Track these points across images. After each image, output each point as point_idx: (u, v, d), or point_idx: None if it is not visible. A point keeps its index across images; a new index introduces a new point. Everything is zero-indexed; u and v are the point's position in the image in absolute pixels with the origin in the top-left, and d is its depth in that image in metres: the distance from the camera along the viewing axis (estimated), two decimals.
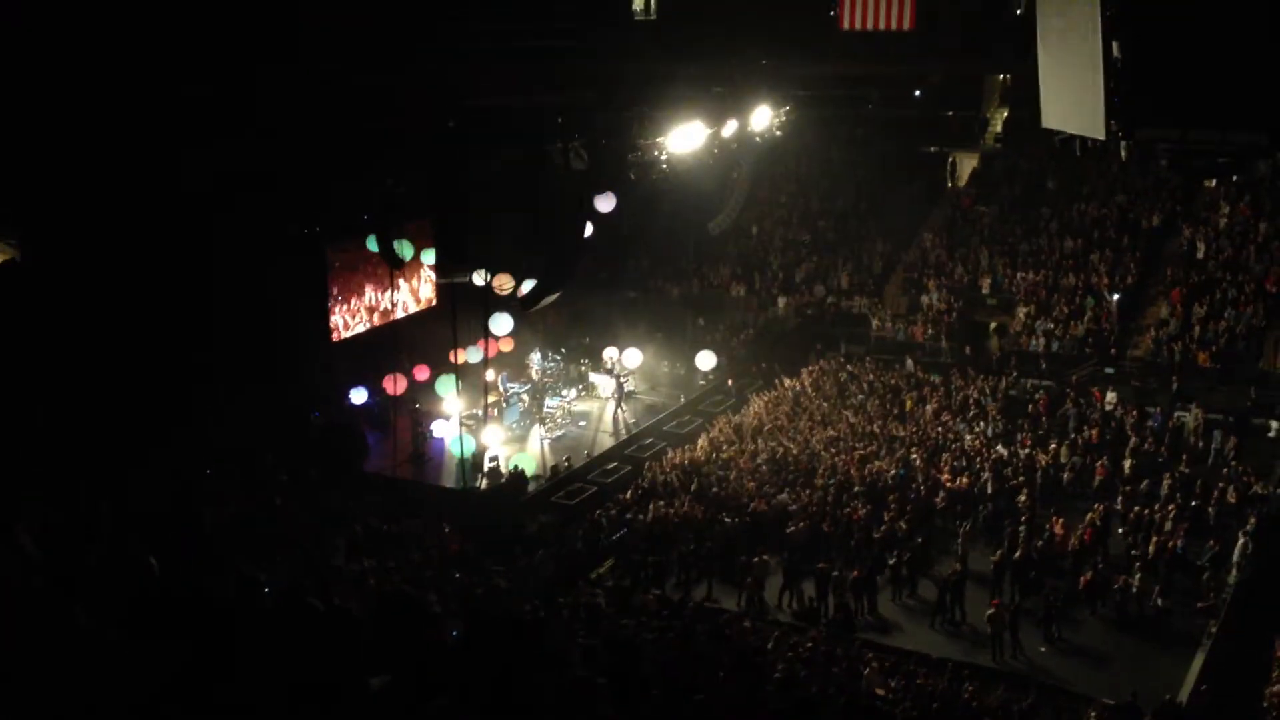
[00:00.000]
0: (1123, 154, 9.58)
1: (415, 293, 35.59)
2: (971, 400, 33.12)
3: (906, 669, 20.00)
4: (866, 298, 40.73)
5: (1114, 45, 8.35)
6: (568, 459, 30.80)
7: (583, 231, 28.43)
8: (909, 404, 33.12)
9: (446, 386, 31.17)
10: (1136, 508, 26.14)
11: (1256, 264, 36.50)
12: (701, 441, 31.25)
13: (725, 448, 30.60)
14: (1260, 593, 23.29)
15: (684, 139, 30.13)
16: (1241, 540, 24.33)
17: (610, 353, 35.94)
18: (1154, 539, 24.82)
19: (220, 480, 25.14)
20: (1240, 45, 8.03)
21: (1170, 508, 26.08)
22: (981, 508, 27.34)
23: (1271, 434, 30.55)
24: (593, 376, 36.15)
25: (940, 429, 31.31)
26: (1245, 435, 30.34)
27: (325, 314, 32.32)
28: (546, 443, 32.38)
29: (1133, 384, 33.91)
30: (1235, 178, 37.37)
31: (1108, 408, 32.22)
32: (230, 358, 26.71)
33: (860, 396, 33.92)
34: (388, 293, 33.95)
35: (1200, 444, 30.38)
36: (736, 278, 42.86)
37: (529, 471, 29.65)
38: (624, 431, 33.50)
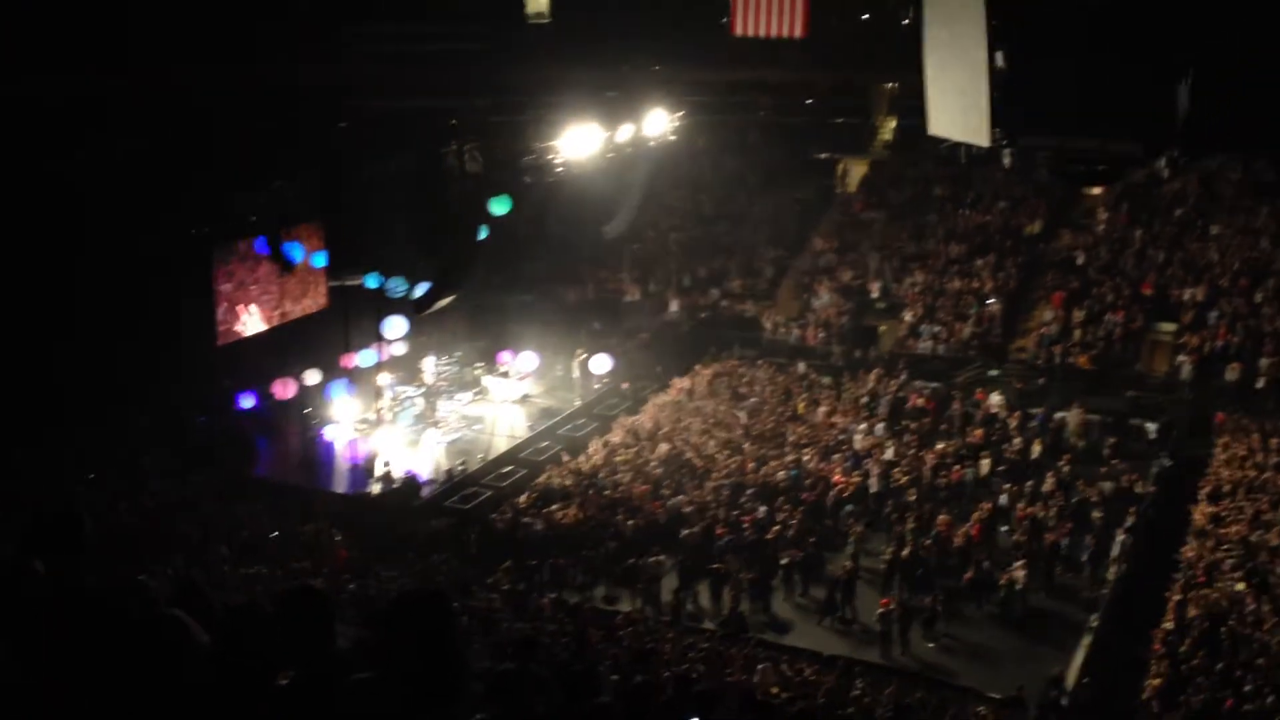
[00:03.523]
0: (1006, 162, 9.88)
1: (306, 296, 35.05)
2: (862, 402, 33.70)
3: (799, 667, 20.30)
4: (759, 301, 41.16)
5: (997, 56, 8.61)
6: (462, 463, 30.61)
7: (478, 235, 28.35)
8: (801, 406, 33.58)
9: (338, 391, 30.79)
10: (1021, 506, 26.85)
11: (1133, 269, 37.74)
12: (597, 444, 31.31)
13: (621, 450, 30.70)
14: (1139, 588, 24.09)
15: (579, 143, 30.19)
16: (1121, 537, 25.15)
17: (504, 356, 35.83)
18: (1038, 536, 25.56)
19: (103, 484, 24.49)
20: (1117, 59, 8.34)
21: (1052, 506, 26.87)
22: (871, 507, 27.88)
23: (1150, 434, 31.59)
24: (487, 380, 35.95)
25: (832, 430, 31.81)
26: (1123, 435, 31.37)
27: (212, 317, 31.65)
28: (441, 446, 32.12)
29: (1016, 386, 34.79)
30: (1113, 185, 38.70)
31: (992, 409, 33.05)
32: (109, 360, 25.98)
33: (753, 399, 34.30)
34: (277, 296, 33.36)
35: (1081, 444, 31.32)
36: (632, 281, 43.01)
37: (423, 475, 29.43)
38: (519, 435, 33.40)
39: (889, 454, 30.03)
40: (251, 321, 32.98)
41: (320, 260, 34.25)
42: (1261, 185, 39.10)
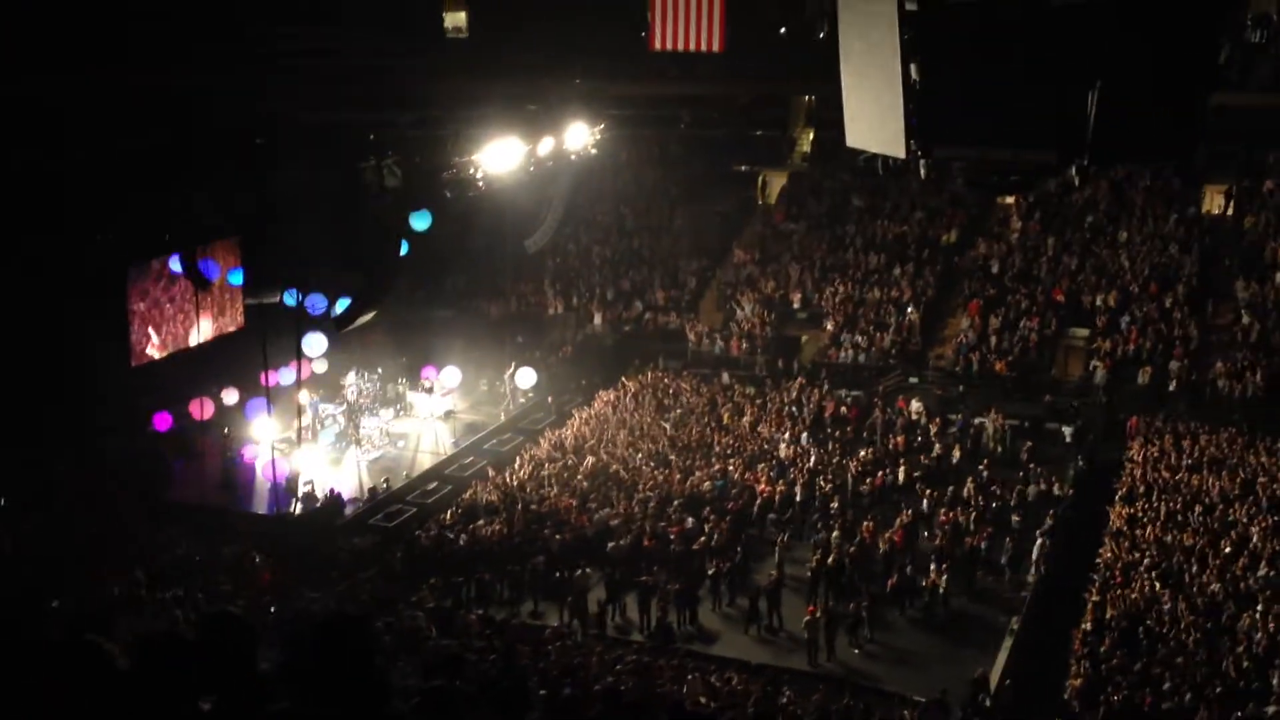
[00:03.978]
0: (922, 173, 10.01)
1: (223, 314, 34.47)
2: (785, 411, 33.95)
3: (727, 677, 20.34)
4: (682, 313, 41.32)
5: (912, 68, 8.72)
6: (386, 480, 30.31)
7: (398, 250, 28.10)
8: (726, 416, 33.74)
9: (257, 410, 30.30)
10: (942, 511, 27.21)
11: (1047, 276, 38.52)
12: (523, 459, 31.17)
13: (547, 465, 30.60)
14: (1058, 590, 24.52)
15: (499, 157, 30.08)
16: (1040, 540, 25.59)
17: (427, 372, 35.55)
18: (958, 540, 25.92)
19: (15, 508, 23.88)
20: (1028, 69, 8.49)
21: (972, 510, 27.27)
22: (796, 515, 28.08)
23: (1066, 438, 32.19)
24: (410, 396, 35.64)
25: (756, 440, 32.00)
26: (1040, 439, 31.95)
27: (125, 336, 30.99)
28: (364, 464, 31.76)
29: (936, 393, 35.33)
30: (1026, 195, 39.47)
31: (913, 416, 33.50)
32: (20, 382, 25.33)
33: (679, 410, 34.39)
34: (193, 314, 32.76)
35: (999, 448, 31.83)
36: (555, 295, 42.95)
37: (345, 494, 29.07)
38: (443, 451, 33.15)
39: (813, 462, 30.28)
40: (166, 341, 32.37)
41: (237, 278, 33.71)
42: (1170, 192, 40.15)
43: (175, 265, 29.58)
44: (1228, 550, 24.07)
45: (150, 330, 31.76)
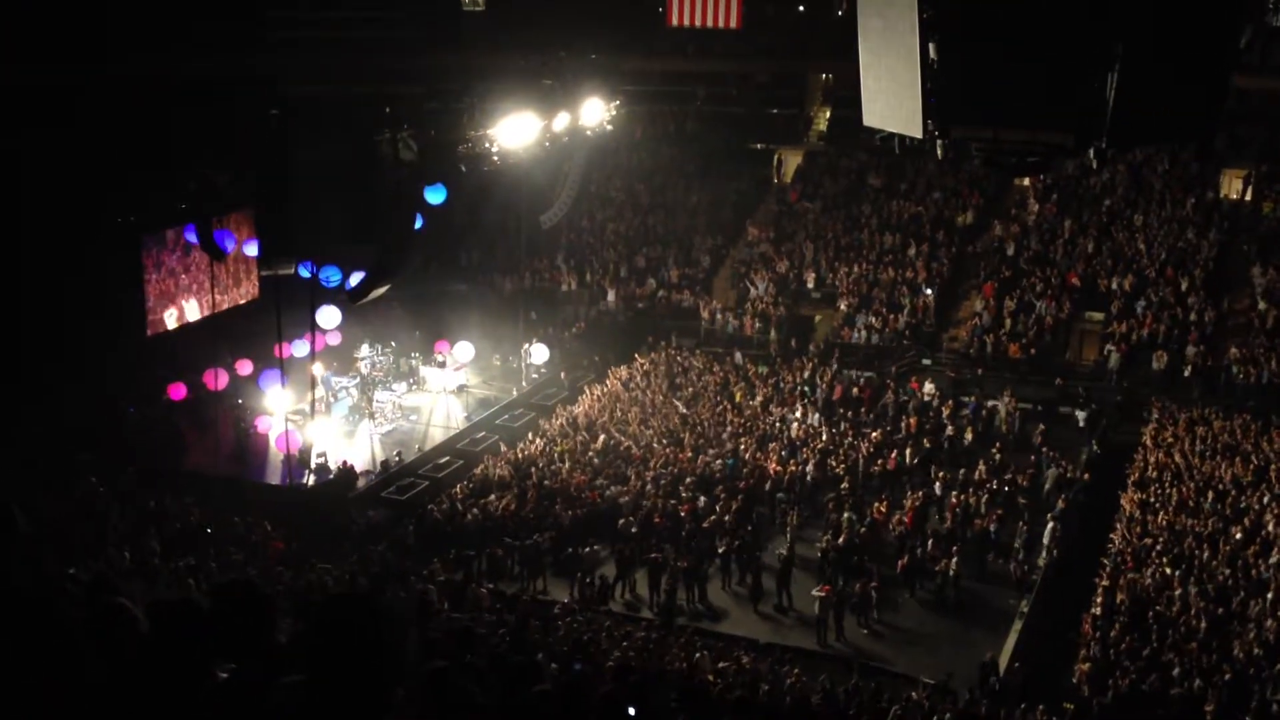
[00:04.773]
0: (939, 153, 9.96)
1: (238, 285, 34.58)
2: (797, 391, 33.92)
3: (736, 655, 20.41)
4: (696, 291, 41.26)
5: (930, 47, 8.68)
6: (398, 453, 30.41)
7: (413, 223, 28.11)
8: (738, 395, 33.73)
9: (271, 381, 30.41)
10: (953, 493, 27.19)
11: (1062, 259, 38.34)
12: (534, 435, 31.23)
13: (558, 441, 30.66)
14: (1069, 573, 24.51)
15: (515, 131, 30.02)
16: (1051, 523, 25.55)
17: (440, 346, 35.60)
18: (969, 523, 25.91)
19: (33, 475, 24.00)
20: (1048, 50, 8.44)
21: (984, 493, 27.24)
22: (807, 495, 28.11)
23: (1079, 422, 32.11)
24: (423, 370, 35.71)
25: (768, 419, 32.00)
26: (1053, 423, 31.87)
27: (141, 307, 31.13)
28: (376, 437, 31.86)
29: (949, 374, 35.24)
30: (1043, 176, 39.26)
31: (926, 397, 33.44)
32: (36, 351, 25.48)
33: (691, 389, 34.39)
34: (208, 285, 32.88)
35: (1011, 432, 31.78)
36: (569, 271, 42.94)
37: (358, 466, 29.19)
38: (456, 425, 33.22)
39: (824, 442, 30.27)
40: (182, 311, 32.50)
41: (252, 249, 33.84)
42: (1188, 177, 39.91)
43: (191, 236, 29.63)
44: (1239, 537, 24.00)
45: (166, 300, 31.88)
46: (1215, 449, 28.67)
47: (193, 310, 32.82)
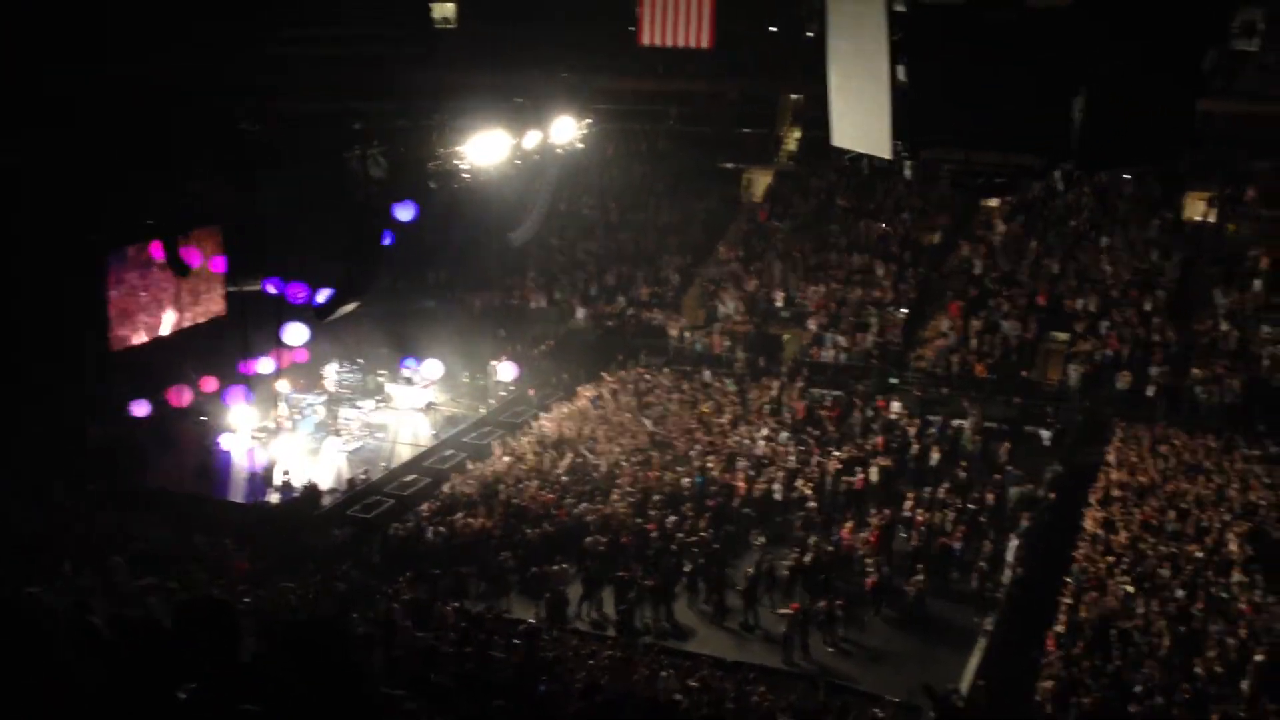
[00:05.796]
0: (907, 173, 10.02)
1: (203, 302, 34.31)
2: (766, 410, 33.99)
3: (702, 674, 20.38)
4: (664, 310, 41.31)
5: (899, 69, 8.75)
6: (365, 471, 30.22)
7: (381, 240, 28.03)
8: (706, 413, 33.74)
9: (236, 399, 30.18)
10: (920, 512, 27.28)
11: (1029, 279, 38.65)
12: (502, 452, 31.13)
13: (526, 459, 30.57)
14: (1033, 591, 24.62)
15: (485, 149, 30.00)
16: (1015, 542, 25.68)
17: (408, 363, 35.43)
18: (935, 541, 26.01)
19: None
20: (1018, 73, 8.52)
21: (949, 511, 27.36)
22: (775, 514, 28.15)
23: (1044, 441, 32.33)
24: (391, 387, 35.53)
25: (736, 438, 32.03)
26: (1018, 441, 32.08)
27: (104, 323, 30.85)
28: (343, 455, 31.66)
29: (916, 393, 35.41)
30: (1010, 197, 39.60)
31: (892, 416, 33.58)
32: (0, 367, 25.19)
33: (659, 407, 34.39)
34: (173, 302, 32.60)
35: (977, 450, 31.94)
36: (538, 289, 42.90)
37: (323, 485, 28.98)
38: (423, 443, 33.05)
39: (792, 461, 30.33)
40: (146, 327, 32.22)
41: (218, 266, 33.58)
42: (1152, 199, 40.35)
43: (156, 252, 29.39)
44: (1200, 555, 24.22)
45: (129, 317, 31.61)
46: (1178, 468, 28.94)
47: (157, 327, 32.53)
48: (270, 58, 35.51)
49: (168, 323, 32.55)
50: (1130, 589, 22.96)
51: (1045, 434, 32.48)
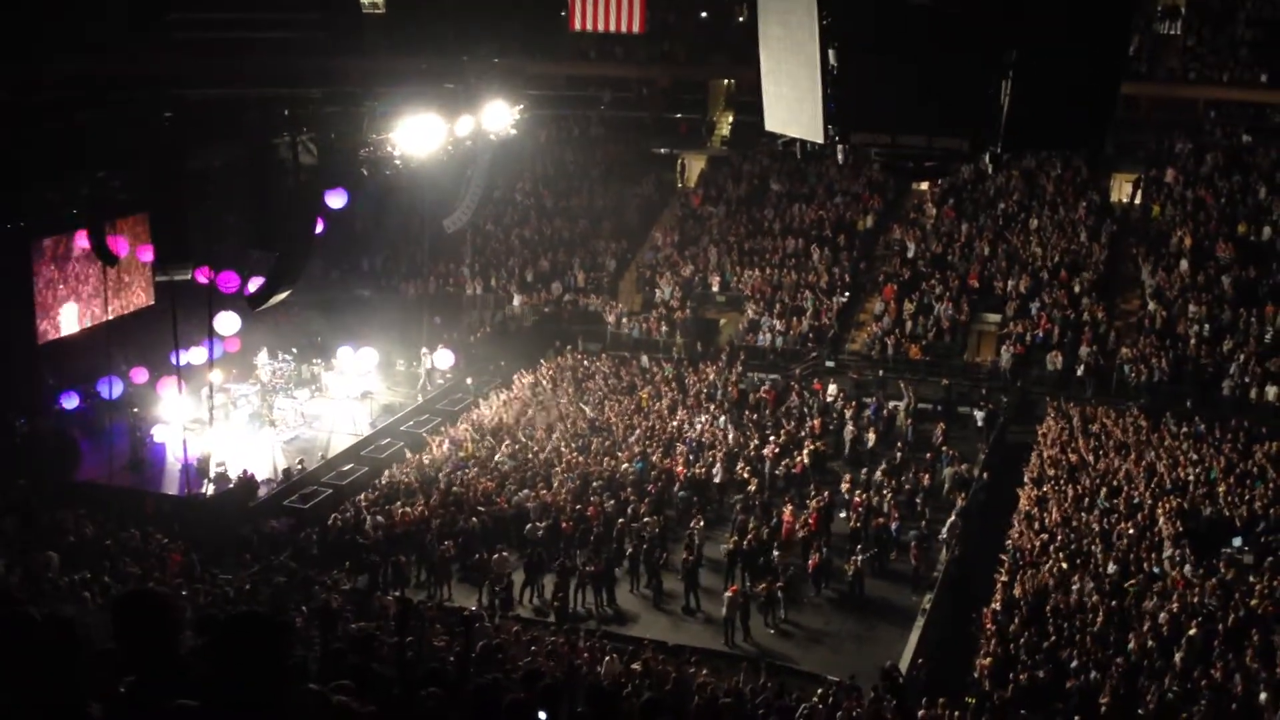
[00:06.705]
0: (840, 158, 10.11)
1: (132, 292, 33.75)
2: (703, 394, 34.14)
3: (645, 658, 20.46)
4: (601, 295, 41.29)
5: (830, 54, 8.80)
6: (300, 461, 29.92)
7: (313, 228, 27.68)
8: (644, 399, 33.83)
9: (168, 389, 29.71)
10: (857, 493, 27.57)
11: (960, 262, 39.10)
12: (440, 440, 30.99)
13: (465, 446, 30.46)
14: (969, 569, 25.00)
15: (417, 135, 29.73)
16: (951, 521, 26.05)
17: (343, 352, 35.09)
18: (873, 522, 26.29)
19: None
20: (944, 57, 8.61)
21: (886, 492, 27.68)
22: (714, 497, 28.31)
23: (978, 422, 32.79)
24: (325, 376, 35.16)
25: (674, 423, 32.14)
26: (952, 422, 32.51)
27: (31, 314, 30.25)
28: (278, 445, 31.29)
29: (851, 376, 35.73)
30: (940, 181, 40.04)
31: (829, 399, 33.88)
32: None
33: (598, 392, 34.41)
34: (101, 291, 32.02)
35: (911, 431, 32.32)
36: (473, 275, 42.67)
37: (259, 476, 28.66)
38: (360, 432, 32.78)
39: (730, 445, 30.50)
40: (72, 319, 31.65)
41: (146, 255, 33.01)
42: (1079, 181, 40.99)
43: (83, 242, 28.83)
44: (1132, 532, 24.70)
45: (55, 308, 31.03)
46: (1108, 447, 29.48)
47: (85, 317, 31.95)
48: (197, 45, 34.93)
49: (97, 313, 32.00)
50: (1064, 566, 23.38)
51: (978, 414, 32.95)
